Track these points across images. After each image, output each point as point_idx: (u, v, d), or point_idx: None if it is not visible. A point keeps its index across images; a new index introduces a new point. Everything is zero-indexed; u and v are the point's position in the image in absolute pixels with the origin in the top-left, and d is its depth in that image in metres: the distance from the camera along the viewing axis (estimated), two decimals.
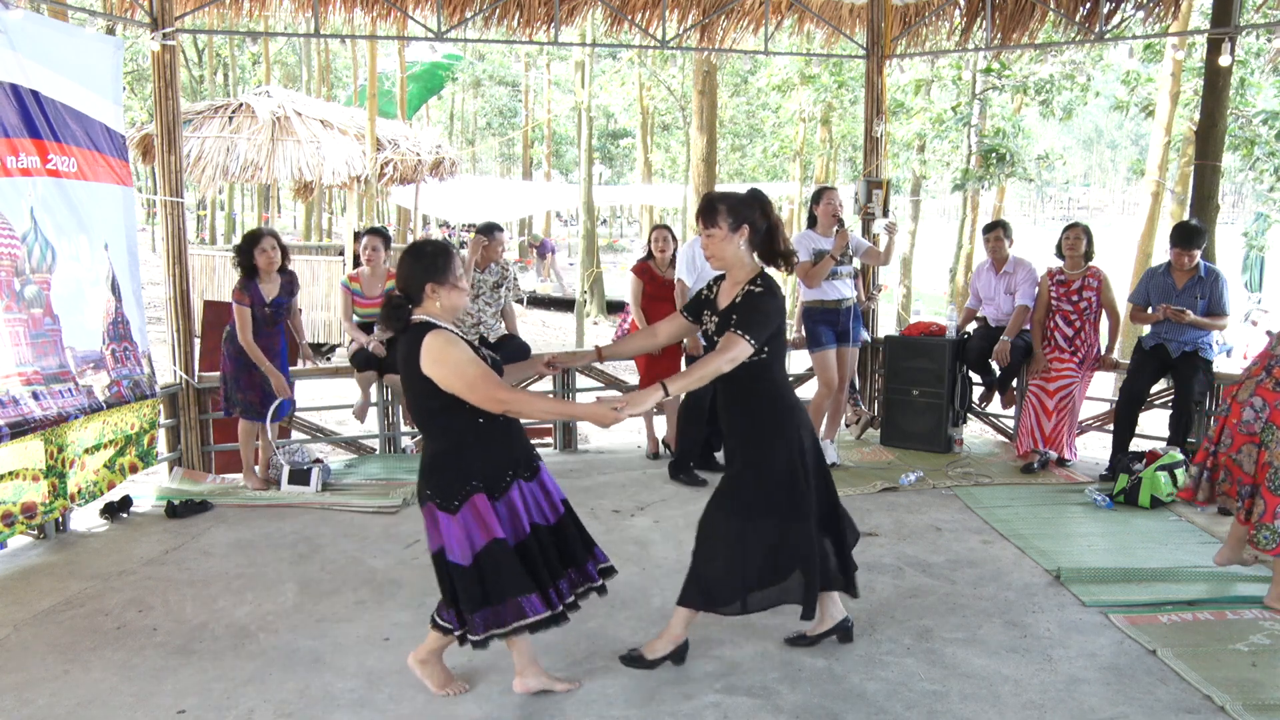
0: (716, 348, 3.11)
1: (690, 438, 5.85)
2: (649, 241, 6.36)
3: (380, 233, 6.35)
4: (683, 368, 6.17)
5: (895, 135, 14.86)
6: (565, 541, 3.10)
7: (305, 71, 28.09)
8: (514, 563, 2.92)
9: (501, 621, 2.93)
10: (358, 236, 6.32)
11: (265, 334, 5.50)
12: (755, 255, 3.21)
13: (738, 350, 3.04)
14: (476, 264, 5.96)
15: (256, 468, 5.70)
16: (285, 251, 5.65)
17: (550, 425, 6.83)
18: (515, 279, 6.19)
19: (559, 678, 3.22)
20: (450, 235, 24.80)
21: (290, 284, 5.61)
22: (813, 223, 5.99)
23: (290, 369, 5.77)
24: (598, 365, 7.03)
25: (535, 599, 2.93)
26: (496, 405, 2.85)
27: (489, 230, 6.08)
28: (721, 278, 3.31)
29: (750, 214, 3.16)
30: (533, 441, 3.25)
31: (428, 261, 2.94)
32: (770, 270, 3.25)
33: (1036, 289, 6.20)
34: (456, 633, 3.02)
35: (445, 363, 2.84)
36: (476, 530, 2.91)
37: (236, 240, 25.02)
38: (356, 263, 6.90)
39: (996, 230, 6.47)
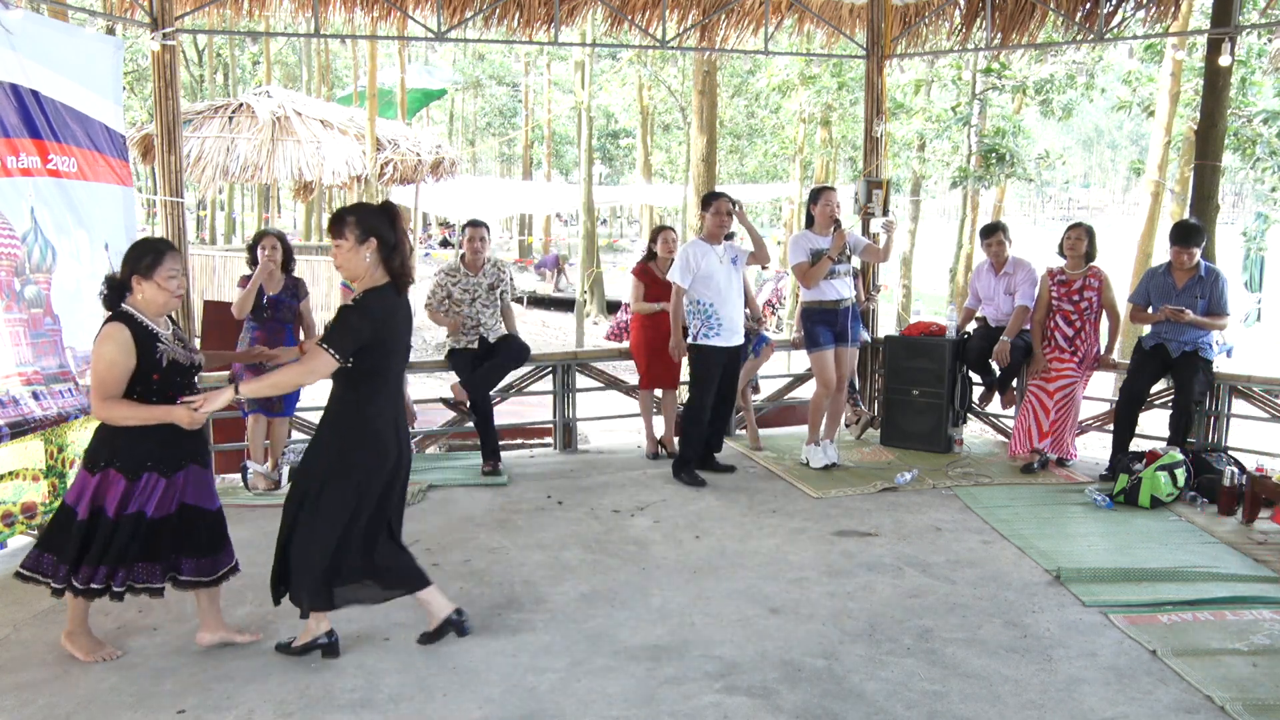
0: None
1: (692, 438, 5.85)
2: (650, 242, 6.36)
3: None
4: (684, 370, 6.18)
5: (895, 135, 14.86)
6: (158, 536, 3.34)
7: (305, 71, 28.10)
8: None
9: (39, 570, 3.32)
10: None
11: (262, 329, 5.51)
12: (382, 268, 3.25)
13: (319, 362, 3.16)
14: (469, 265, 5.94)
15: (265, 465, 5.67)
16: (289, 252, 5.66)
17: (550, 425, 6.83)
18: (511, 279, 6.19)
19: (239, 630, 3.59)
20: (451, 235, 24.82)
21: (295, 287, 5.62)
22: (810, 223, 5.99)
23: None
24: (596, 365, 7.03)
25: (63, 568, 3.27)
26: (103, 409, 3.22)
27: (472, 224, 6.08)
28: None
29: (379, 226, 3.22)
30: (533, 441, 3.32)
31: (135, 255, 3.29)
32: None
33: (1036, 289, 6.20)
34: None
35: (96, 353, 3.20)
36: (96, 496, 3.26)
37: (237, 240, 25.05)
38: None
39: (996, 234, 6.47)
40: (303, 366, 3.21)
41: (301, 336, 5.69)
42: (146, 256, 3.26)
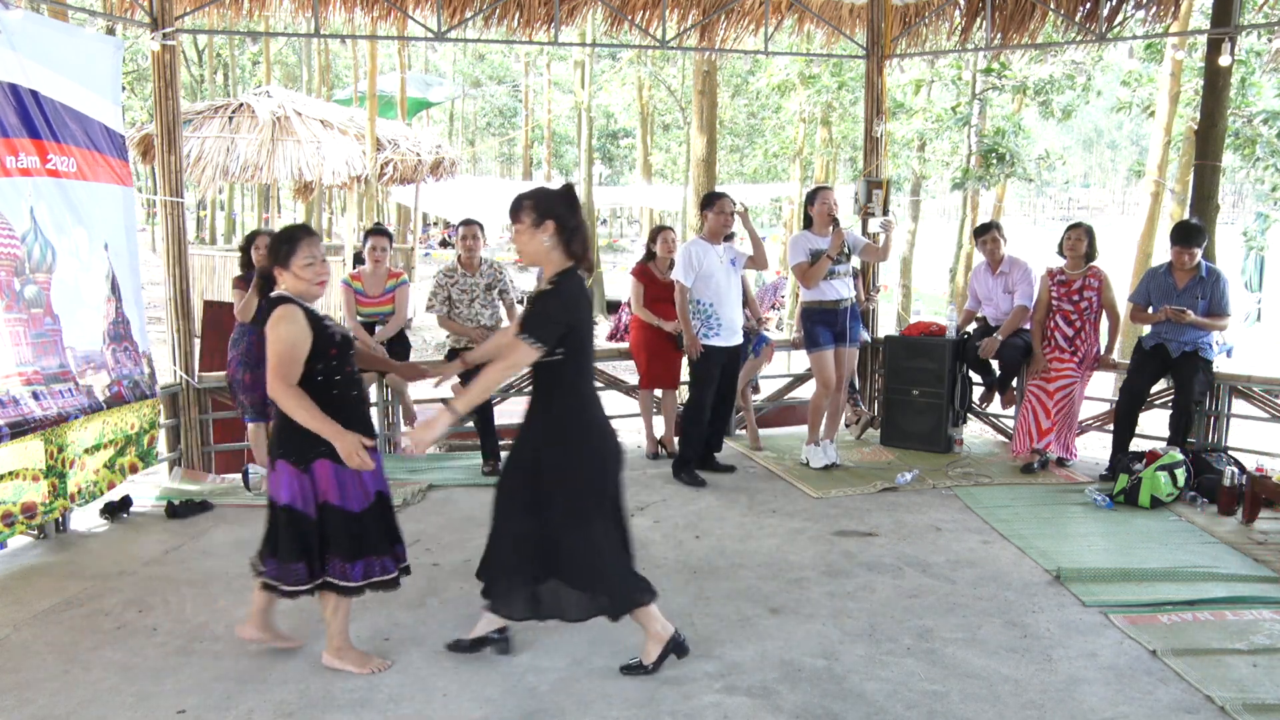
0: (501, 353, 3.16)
1: (692, 438, 5.85)
2: (651, 242, 6.35)
3: (386, 233, 6.35)
4: (683, 370, 6.17)
5: (895, 135, 14.85)
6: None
7: (305, 71, 28.09)
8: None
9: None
10: (367, 235, 6.31)
11: (259, 331, 5.52)
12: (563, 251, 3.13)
13: (519, 353, 3.03)
14: (465, 265, 5.95)
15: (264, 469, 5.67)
16: None
17: None
18: (510, 279, 6.19)
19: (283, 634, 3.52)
20: (451, 235, 24.79)
21: None
22: (809, 223, 5.99)
23: None
24: (596, 365, 7.02)
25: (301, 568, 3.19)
26: (280, 390, 3.09)
27: (465, 223, 6.08)
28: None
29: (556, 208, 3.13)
30: None
31: (274, 244, 3.22)
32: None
33: (1033, 289, 6.21)
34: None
35: (274, 335, 3.11)
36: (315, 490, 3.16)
37: (237, 240, 25.04)
38: (358, 261, 6.90)
39: (991, 232, 6.48)
40: (504, 362, 3.05)
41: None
42: (283, 245, 3.17)
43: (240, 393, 5.57)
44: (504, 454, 3.46)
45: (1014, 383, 6.46)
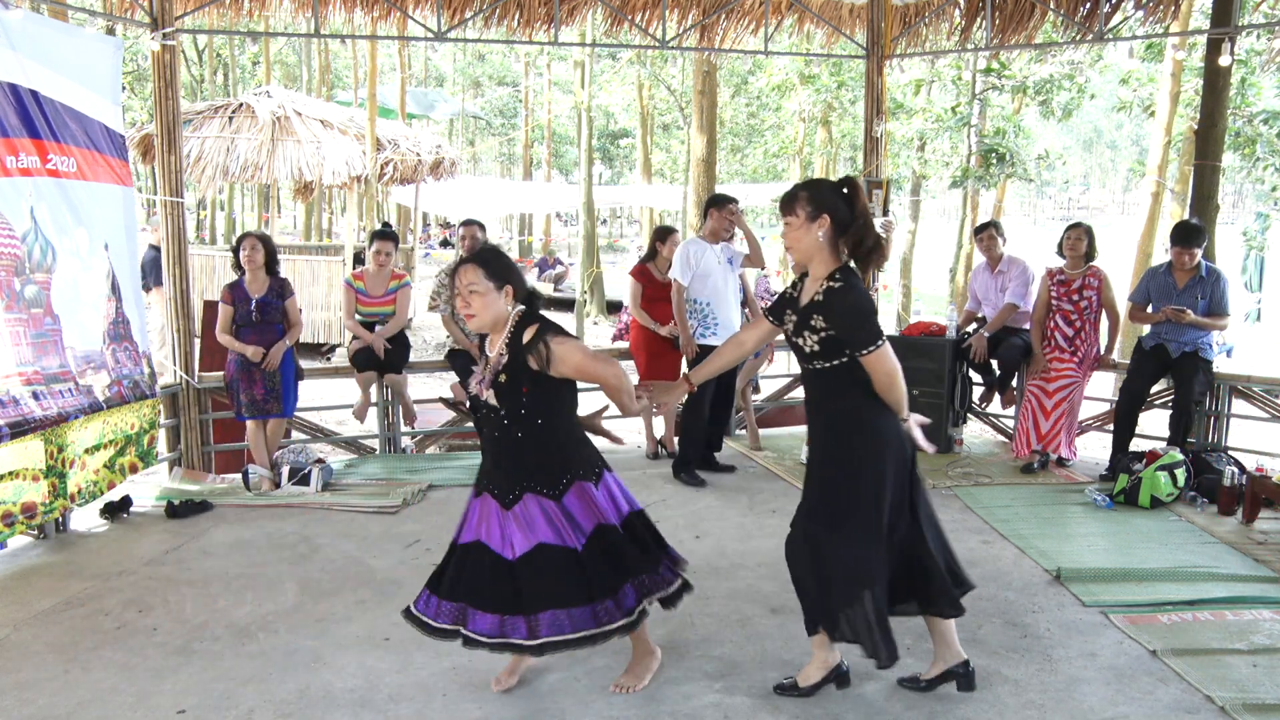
0: (874, 380, 2.91)
1: (692, 438, 5.85)
2: (658, 242, 6.33)
3: (392, 237, 6.35)
4: (682, 369, 6.16)
5: (895, 135, 14.85)
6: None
7: (305, 71, 28.10)
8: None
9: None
10: (373, 238, 6.31)
11: (254, 332, 5.54)
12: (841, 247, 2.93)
13: (887, 360, 2.87)
14: None
15: (267, 469, 5.67)
16: (272, 253, 5.68)
17: None
18: None
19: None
20: (451, 235, 24.80)
21: (280, 287, 5.64)
22: None
23: (292, 368, 5.78)
24: None
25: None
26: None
27: (465, 223, 6.08)
28: (805, 275, 3.06)
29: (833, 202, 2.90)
30: None
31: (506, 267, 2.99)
32: None
33: (1027, 288, 6.22)
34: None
35: (581, 357, 2.91)
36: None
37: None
38: (358, 261, 6.90)
39: (988, 230, 6.49)
40: (887, 379, 2.89)
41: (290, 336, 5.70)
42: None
43: (241, 391, 5.58)
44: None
45: (1014, 383, 6.46)
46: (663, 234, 6.35)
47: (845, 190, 2.95)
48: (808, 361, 2.98)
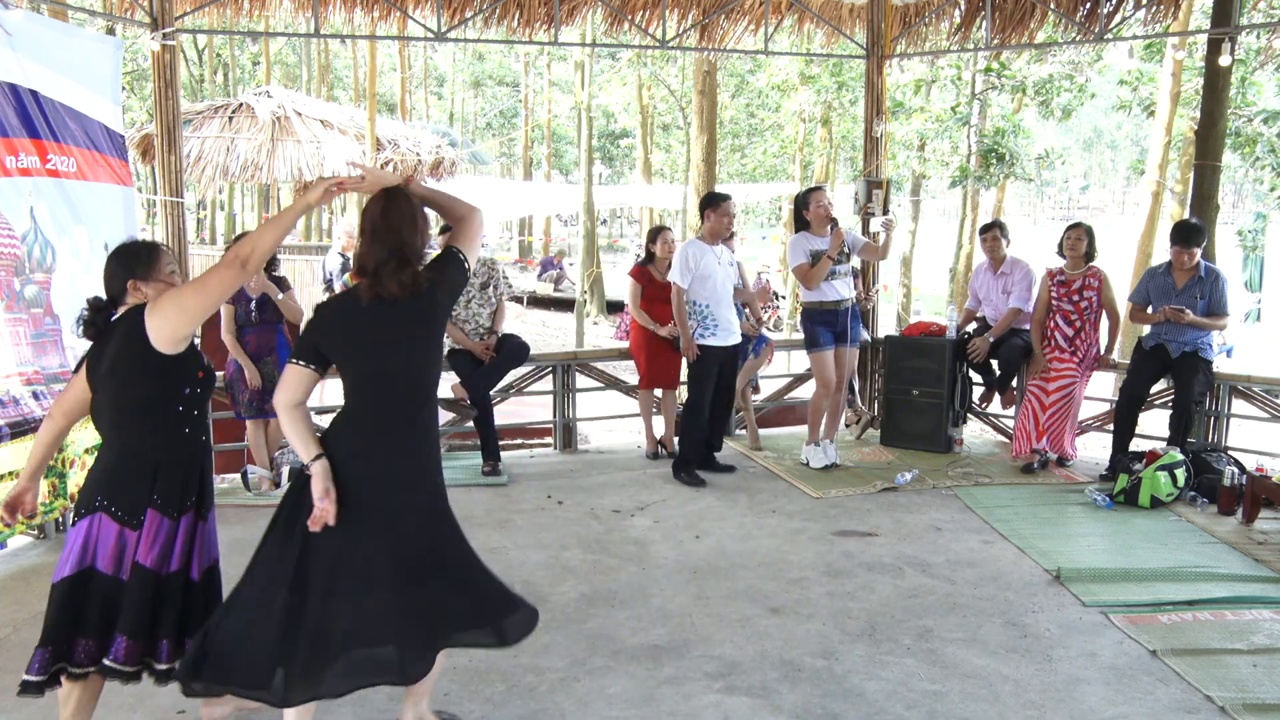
0: None
1: (692, 438, 5.85)
2: (650, 243, 6.34)
3: None
4: (683, 370, 6.16)
5: (895, 135, 14.86)
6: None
7: (305, 71, 28.11)
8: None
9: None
10: None
11: (254, 330, 5.54)
12: None
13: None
14: None
15: (267, 469, 5.67)
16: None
17: (550, 425, 6.82)
18: (504, 275, 6.19)
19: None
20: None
21: (279, 284, 5.65)
22: (802, 225, 5.98)
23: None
24: (596, 365, 7.04)
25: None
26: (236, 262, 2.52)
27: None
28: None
29: None
30: (533, 441, 3.22)
31: (129, 260, 2.75)
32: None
33: (1031, 291, 6.21)
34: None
35: (167, 306, 2.58)
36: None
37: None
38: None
39: (993, 230, 6.49)
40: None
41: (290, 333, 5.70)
42: (142, 255, 2.78)
43: (241, 391, 5.59)
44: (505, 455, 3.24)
45: (1014, 383, 6.46)
46: (653, 234, 6.37)
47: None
48: None
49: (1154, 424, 6.31)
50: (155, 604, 2.67)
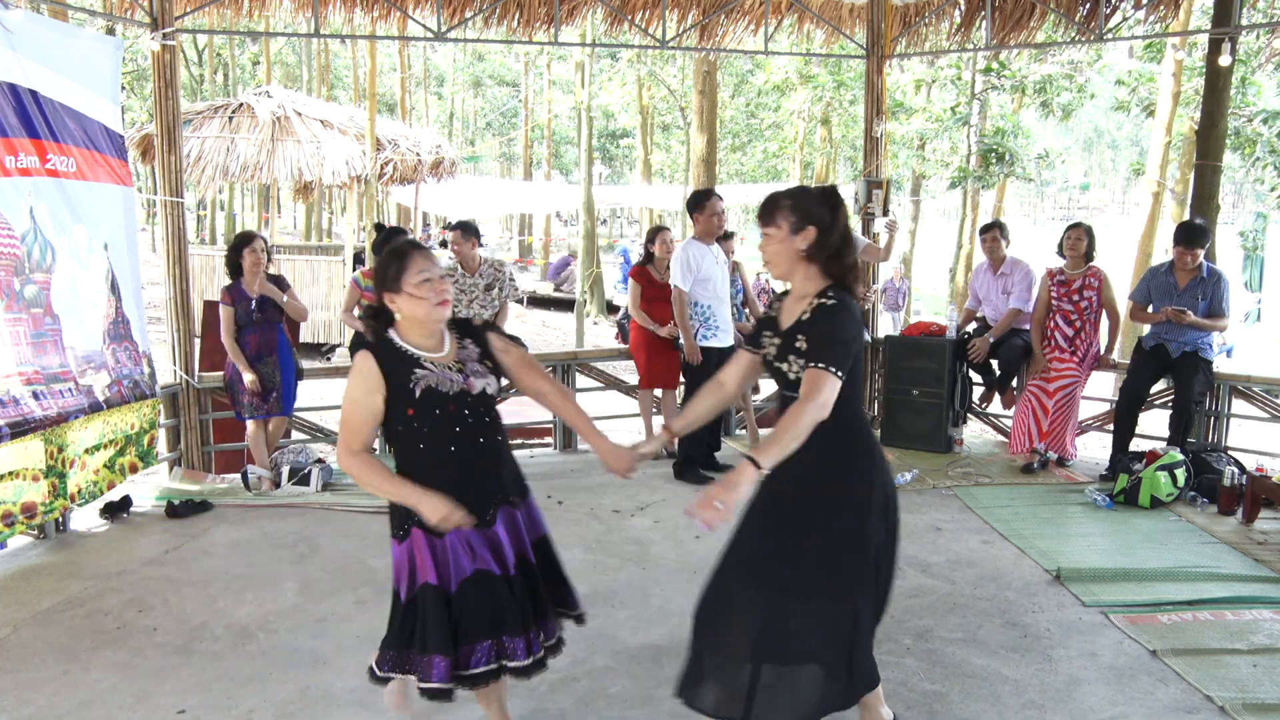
0: (800, 391, 2.48)
1: (693, 438, 5.84)
2: (649, 243, 6.34)
3: (403, 235, 6.35)
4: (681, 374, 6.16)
5: (895, 135, 14.86)
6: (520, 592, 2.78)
7: (305, 71, 28.11)
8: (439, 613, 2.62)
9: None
10: (388, 236, 6.31)
11: (254, 332, 5.54)
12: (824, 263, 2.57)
13: (826, 388, 2.42)
14: (463, 267, 5.96)
15: (267, 470, 5.67)
16: (267, 252, 5.71)
17: (550, 425, 6.83)
18: (511, 278, 6.19)
19: None
20: (448, 235, 24.80)
21: (276, 283, 5.66)
22: None
23: (292, 368, 5.78)
24: (596, 365, 7.03)
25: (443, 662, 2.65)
26: (342, 459, 2.59)
27: (447, 227, 6.12)
28: (787, 291, 2.72)
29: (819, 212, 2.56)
30: (533, 441, 3.22)
31: (379, 271, 2.63)
32: None
33: (1031, 291, 6.21)
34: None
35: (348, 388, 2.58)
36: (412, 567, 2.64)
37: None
38: (359, 261, 6.89)
39: (993, 230, 6.49)
40: (810, 403, 2.42)
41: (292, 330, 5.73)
42: (390, 267, 2.57)
43: (241, 392, 5.58)
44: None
45: (1014, 383, 6.46)
46: (652, 234, 6.36)
47: (830, 200, 2.60)
48: (791, 389, 2.56)
49: (1154, 424, 6.31)
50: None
